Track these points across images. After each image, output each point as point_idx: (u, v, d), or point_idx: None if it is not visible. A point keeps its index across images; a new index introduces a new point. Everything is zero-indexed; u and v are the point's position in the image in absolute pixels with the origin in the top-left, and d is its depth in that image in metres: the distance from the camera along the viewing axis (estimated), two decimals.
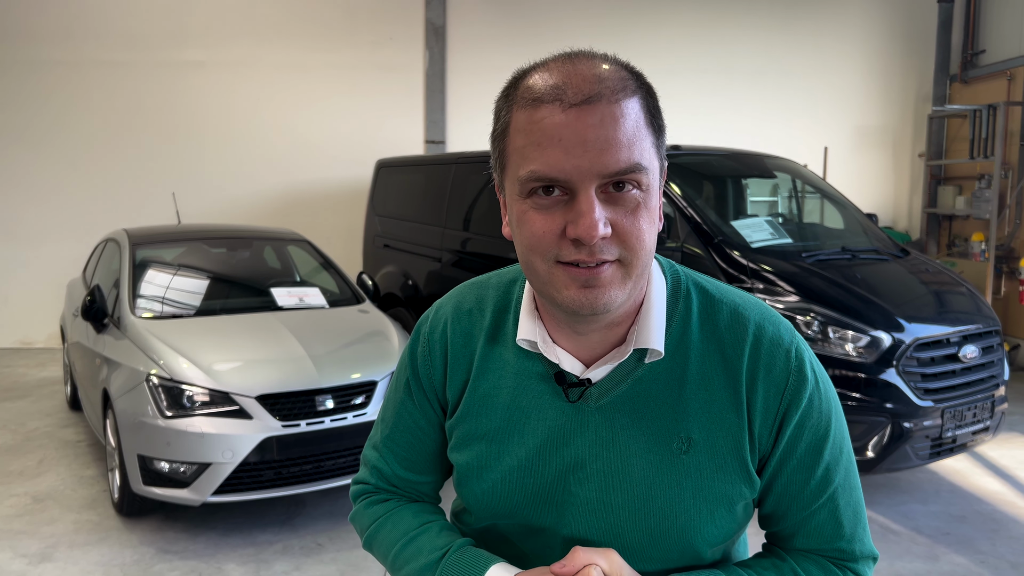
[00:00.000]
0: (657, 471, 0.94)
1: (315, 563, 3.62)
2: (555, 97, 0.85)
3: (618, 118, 0.84)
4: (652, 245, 0.88)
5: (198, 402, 3.77)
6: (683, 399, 0.94)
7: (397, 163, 7.13)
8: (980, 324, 4.24)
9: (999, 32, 8.42)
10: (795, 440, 0.95)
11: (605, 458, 0.95)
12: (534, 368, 0.98)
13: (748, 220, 4.83)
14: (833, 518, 0.98)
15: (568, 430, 0.96)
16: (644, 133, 0.86)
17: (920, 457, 3.97)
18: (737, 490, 0.95)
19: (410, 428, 1.09)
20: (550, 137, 0.84)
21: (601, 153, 0.82)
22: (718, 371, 0.94)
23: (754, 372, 0.94)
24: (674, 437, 0.94)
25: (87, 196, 8.18)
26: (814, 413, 0.95)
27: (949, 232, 8.89)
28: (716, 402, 0.94)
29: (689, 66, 8.66)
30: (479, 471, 1.00)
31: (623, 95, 0.85)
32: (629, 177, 0.84)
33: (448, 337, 1.05)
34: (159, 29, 8.12)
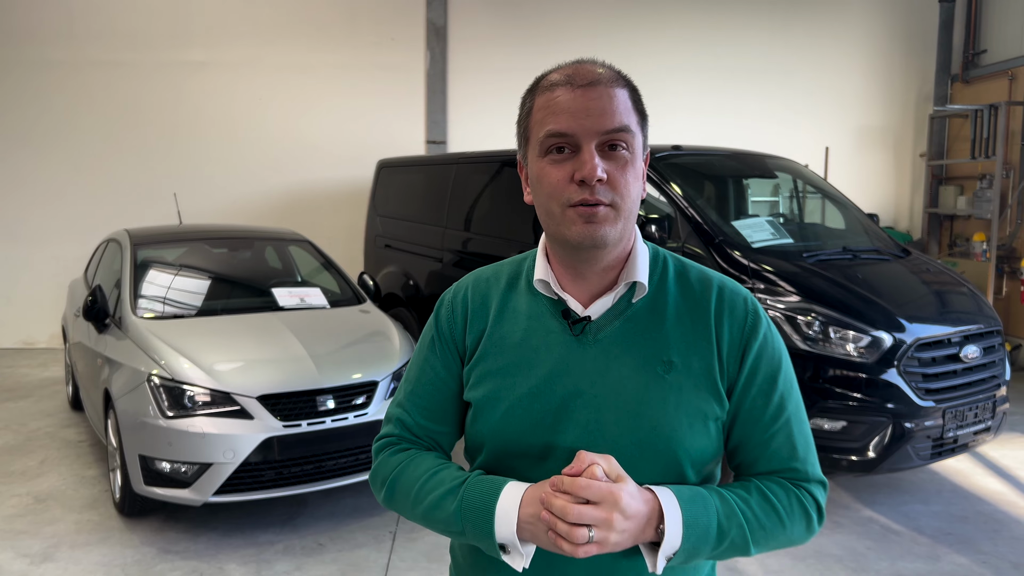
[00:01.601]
0: (645, 390, 1.13)
1: (316, 563, 3.63)
2: (567, 82, 1.12)
3: (612, 96, 1.11)
4: (636, 195, 1.13)
5: (199, 402, 3.77)
6: (664, 332, 1.15)
7: (398, 163, 7.13)
8: (981, 324, 4.23)
9: (1000, 32, 8.41)
10: (755, 367, 1.16)
11: (601, 383, 1.14)
12: (544, 309, 1.19)
13: (749, 220, 4.83)
14: (788, 442, 1.17)
15: (571, 361, 1.15)
16: (631, 112, 1.13)
17: (921, 457, 3.96)
18: (710, 407, 1.14)
19: (432, 380, 1.26)
20: (563, 107, 1.10)
21: (600, 117, 1.09)
22: (691, 311, 1.17)
23: (720, 312, 1.17)
24: (657, 362, 1.14)
25: (89, 196, 8.20)
26: (768, 347, 1.17)
27: (950, 232, 8.89)
28: (690, 334, 1.15)
29: (690, 66, 8.66)
30: (494, 402, 1.18)
31: (615, 85, 1.12)
32: (620, 137, 1.10)
33: (469, 298, 1.26)
34: (161, 30, 8.13)
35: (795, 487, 1.16)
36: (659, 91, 8.62)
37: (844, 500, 4.38)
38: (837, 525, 4.07)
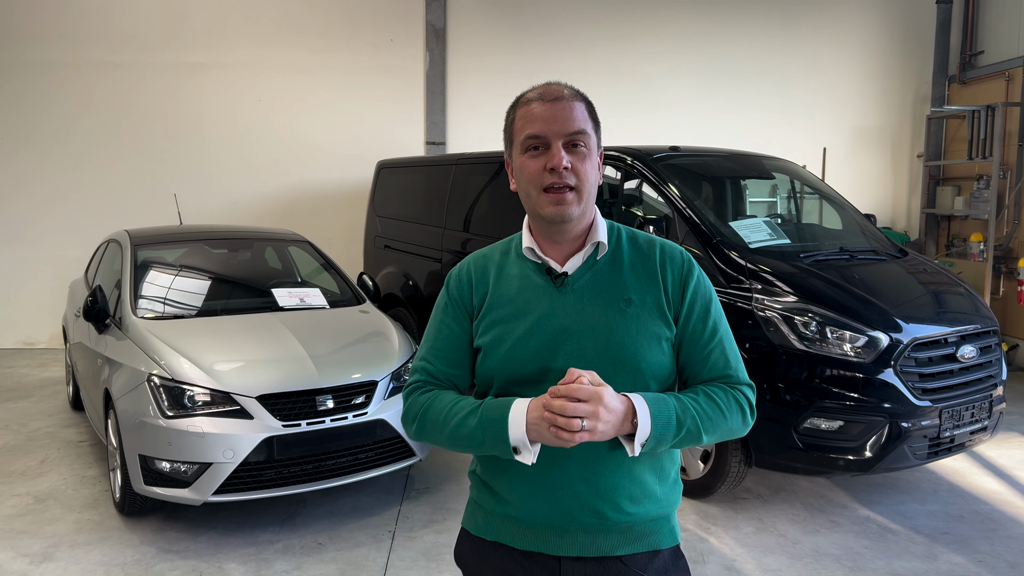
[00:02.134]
0: (612, 321, 1.49)
1: (315, 562, 3.64)
2: (539, 97, 1.51)
3: (572, 109, 1.49)
4: (594, 180, 1.51)
5: (199, 402, 3.78)
6: (622, 278, 1.53)
7: (398, 164, 7.15)
8: (978, 324, 4.25)
9: (997, 33, 8.44)
10: (693, 300, 1.53)
11: (580, 320, 1.50)
12: (531, 270, 1.56)
13: (746, 221, 4.84)
14: (723, 356, 1.54)
15: (555, 307, 1.51)
16: (587, 119, 1.51)
17: (918, 457, 3.98)
18: (661, 330, 1.51)
19: (447, 335, 1.60)
20: (537, 116, 1.49)
21: (564, 123, 1.47)
22: (642, 263, 1.55)
23: (663, 262, 1.55)
24: (620, 300, 1.51)
25: (89, 197, 8.21)
26: (702, 287, 1.56)
27: (948, 232, 8.91)
28: (641, 279, 1.53)
29: (688, 67, 8.68)
30: (499, 343, 1.52)
31: (574, 100, 1.50)
32: (578, 137, 1.48)
33: (471, 270, 1.62)
34: (162, 31, 8.15)
35: (732, 388, 1.52)
36: (657, 92, 8.65)
37: (841, 499, 4.40)
38: (834, 524, 4.08)
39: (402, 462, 4.20)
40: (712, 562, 3.66)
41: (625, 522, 1.49)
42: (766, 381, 3.98)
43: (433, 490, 4.51)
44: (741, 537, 3.93)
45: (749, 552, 3.77)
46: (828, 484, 4.62)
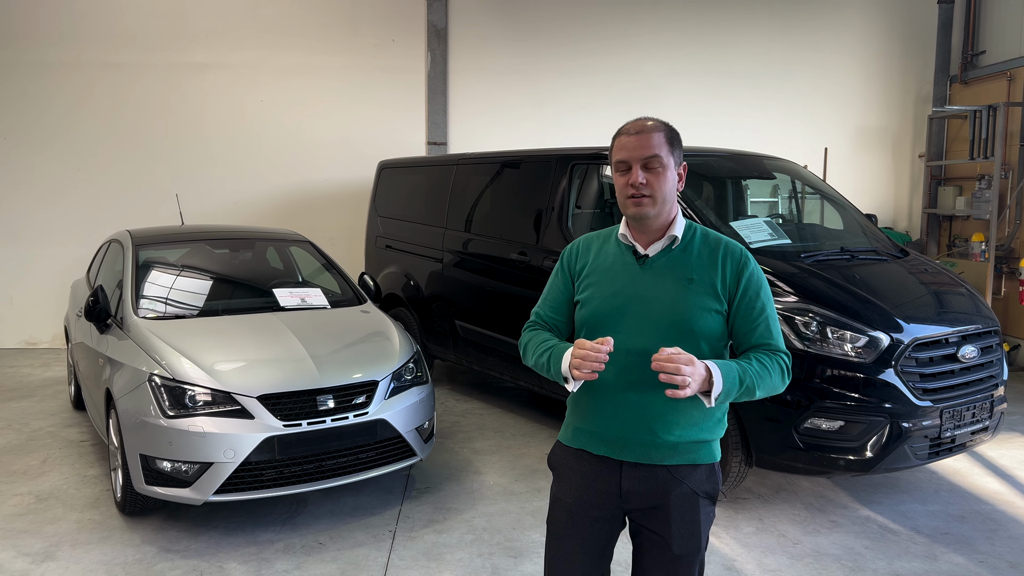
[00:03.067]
0: (676, 293, 1.98)
1: (316, 562, 3.64)
2: (626, 132, 2.03)
3: (649, 138, 1.99)
4: (669, 189, 2.01)
5: (200, 402, 3.79)
6: (689, 263, 2.02)
7: (399, 164, 7.15)
8: (979, 324, 4.25)
9: (999, 33, 8.43)
10: (747, 286, 2.01)
11: (652, 290, 2.00)
12: (623, 251, 2.09)
13: (747, 221, 4.84)
14: (767, 330, 2.01)
15: (636, 279, 2.03)
16: (663, 146, 1.99)
17: (919, 457, 3.97)
18: (711, 303, 1.98)
19: (556, 291, 2.19)
20: (624, 145, 2.01)
21: (641, 150, 1.98)
22: (707, 254, 2.03)
23: (725, 255, 2.03)
24: (685, 279, 2.00)
25: (91, 197, 8.22)
26: (755, 277, 2.03)
27: (949, 232, 8.90)
28: (705, 266, 2.01)
29: (689, 68, 8.68)
30: (593, 298, 2.06)
31: (654, 131, 2.00)
32: (651, 161, 1.98)
33: (580, 246, 2.19)
34: (163, 31, 8.16)
35: (774, 354, 1.99)
36: (658, 92, 8.65)
37: (842, 500, 4.40)
38: (835, 525, 4.08)
39: (403, 462, 4.20)
40: (712, 562, 3.66)
41: (671, 441, 1.99)
42: None
43: (434, 490, 4.51)
44: (741, 537, 3.93)
45: (749, 552, 3.77)
46: (829, 484, 4.61)
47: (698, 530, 2.01)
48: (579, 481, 2.07)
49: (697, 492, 2.00)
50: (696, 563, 2.04)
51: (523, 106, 8.55)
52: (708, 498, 2.03)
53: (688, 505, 2.00)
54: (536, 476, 4.72)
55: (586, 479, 2.06)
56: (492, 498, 4.39)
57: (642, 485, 2.00)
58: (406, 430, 4.15)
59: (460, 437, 5.45)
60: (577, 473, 2.08)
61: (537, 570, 3.58)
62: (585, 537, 2.06)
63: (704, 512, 2.02)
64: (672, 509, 1.99)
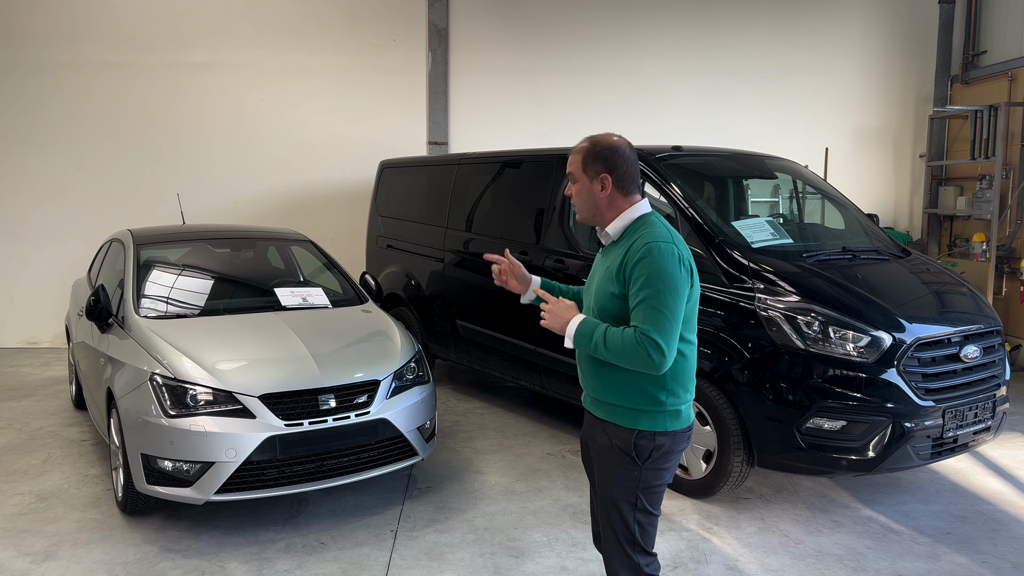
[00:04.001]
0: (600, 279, 2.42)
1: (317, 561, 3.64)
2: None
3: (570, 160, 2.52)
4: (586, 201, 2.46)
5: (201, 401, 3.79)
6: (612, 256, 2.39)
7: (400, 164, 7.15)
8: (981, 324, 4.24)
9: (1000, 33, 8.42)
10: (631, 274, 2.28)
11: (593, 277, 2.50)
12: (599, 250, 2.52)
13: (749, 220, 4.84)
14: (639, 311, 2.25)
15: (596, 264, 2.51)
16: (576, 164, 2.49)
17: (921, 457, 3.97)
18: (614, 288, 2.33)
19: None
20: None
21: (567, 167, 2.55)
22: (623, 250, 2.34)
23: (629, 248, 2.32)
24: (607, 268, 2.38)
25: (92, 197, 8.22)
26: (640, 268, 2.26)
27: (950, 232, 8.90)
28: (619, 257, 2.34)
29: (690, 68, 8.68)
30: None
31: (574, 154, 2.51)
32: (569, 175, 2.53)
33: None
34: (163, 31, 8.16)
35: (636, 330, 2.23)
36: (659, 92, 8.65)
37: (844, 499, 4.40)
38: (837, 524, 4.08)
39: (404, 461, 4.20)
40: (714, 562, 3.66)
41: (596, 399, 2.46)
42: (769, 381, 3.97)
43: (435, 489, 4.51)
44: (743, 537, 3.92)
45: (751, 552, 3.76)
46: (831, 484, 4.61)
47: (612, 478, 2.39)
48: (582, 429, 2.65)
49: (613, 444, 2.39)
50: (618, 509, 2.38)
51: (524, 106, 8.55)
52: (623, 453, 2.35)
53: (605, 452, 2.41)
54: (537, 476, 4.71)
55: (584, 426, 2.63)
56: (494, 498, 4.39)
57: (588, 430, 2.53)
58: (407, 429, 4.14)
59: (461, 437, 5.45)
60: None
61: (539, 570, 3.58)
62: (588, 471, 2.62)
63: (618, 463, 2.37)
64: (592, 450, 2.50)
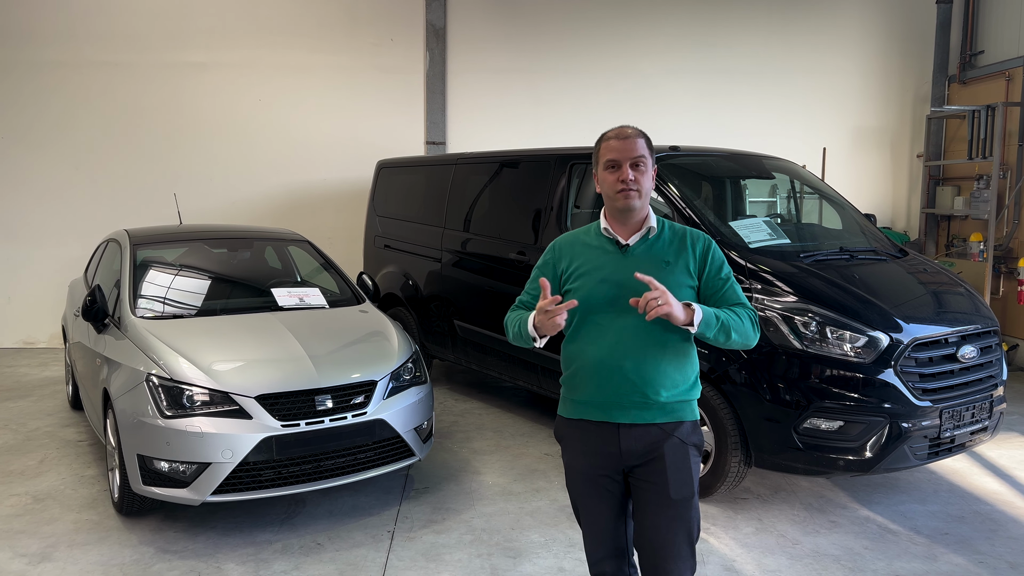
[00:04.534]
0: (655, 273, 2.25)
1: (314, 562, 3.63)
2: (613, 137, 2.36)
3: (635, 143, 2.33)
4: (649, 187, 2.35)
5: (198, 402, 3.78)
6: (664, 249, 2.36)
7: (398, 164, 7.14)
8: (978, 324, 4.24)
9: (998, 33, 8.43)
10: (711, 260, 2.37)
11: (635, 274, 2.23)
12: (605, 242, 2.39)
13: (746, 221, 4.84)
14: (734, 292, 2.36)
15: (620, 265, 2.33)
16: (645, 149, 2.34)
17: (918, 457, 3.97)
18: (685, 279, 2.32)
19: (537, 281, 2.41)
20: (612, 148, 2.33)
21: (629, 152, 2.31)
22: (677, 241, 2.38)
23: (693, 240, 2.38)
24: (662, 262, 2.33)
25: (89, 196, 8.20)
26: (717, 254, 2.39)
27: (947, 232, 8.90)
28: (676, 250, 2.36)
29: (687, 67, 8.68)
30: (584, 285, 2.33)
31: (637, 137, 2.35)
32: (639, 159, 2.31)
33: (564, 243, 2.46)
34: (161, 30, 8.14)
35: (744, 308, 2.34)
36: (656, 92, 8.64)
37: (841, 500, 4.40)
38: (834, 525, 4.08)
39: (401, 462, 4.19)
40: (711, 562, 3.65)
41: (660, 402, 2.29)
42: (766, 381, 3.97)
43: (432, 490, 4.50)
44: (741, 537, 3.92)
45: (749, 552, 3.76)
46: (828, 484, 4.61)
47: (691, 476, 2.31)
48: (583, 447, 2.37)
49: (686, 442, 2.31)
50: (692, 507, 2.30)
51: (522, 105, 8.55)
52: (695, 448, 2.33)
53: (680, 453, 2.30)
54: (535, 476, 4.71)
55: (589, 444, 2.36)
56: (491, 498, 4.39)
57: (638, 443, 2.30)
58: (405, 430, 4.14)
59: (459, 437, 5.44)
60: (580, 440, 2.38)
61: (536, 570, 3.57)
62: (600, 493, 2.36)
63: (693, 460, 2.33)
64: (667, 458, 2.28)
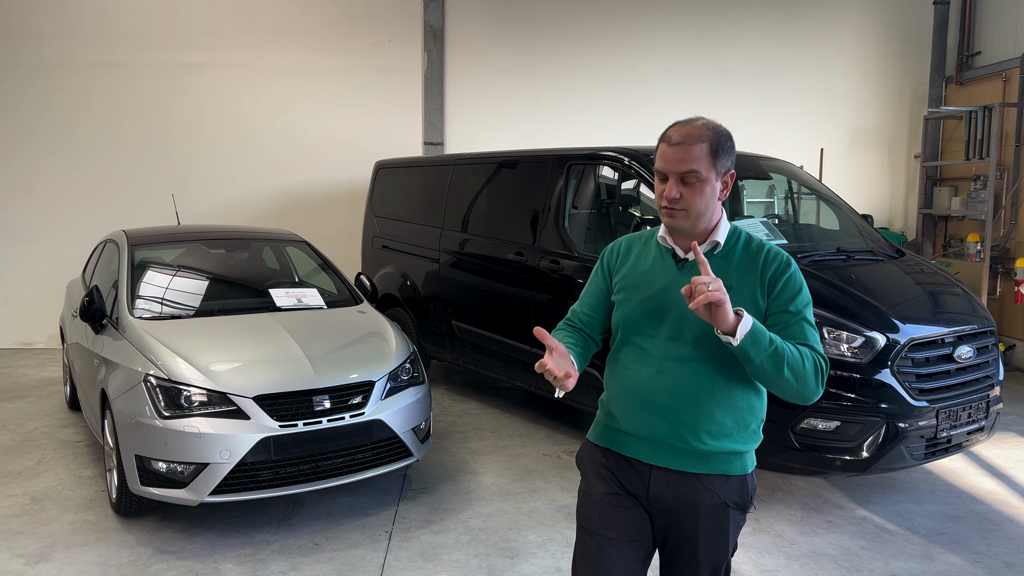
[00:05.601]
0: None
1: (312, 563, 3.64)
2: (668, 139, 1.94)
3: (690, 151, 1.90)
4: (706, 202, 1.93)
5: (196, 402, 3.78)
6: (730, 270, 1.95)
7: (396, 164, 7.14)
8: (975, 324, 4.26)
9: (994, 34, 8.45)
10: (784, 287, 1.93)
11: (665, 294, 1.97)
12: (661, 254, 2.05)
13: (744, 221, 4.85)
14: (803, 331, 1.91)
15: (674, 282, 1.96)
16: (704, 159, 1.90)
17: (915, 457, 3.98)
18: (749, 308, 1.89)
19: (594, 289, 2.17)
20: (662, 155, 1.95)
21: (679, 164, 1.91)
22: (748, 261, 1.97)
23: (766, 261, 1.96)
24: (725, 285, 1.80)
25: (87, 197, 8.20)
26: (792, 281, 1.95)
27: (944, 233, 8.92)
28: (745, 272, 1.95)
29: (685, 68, 8.69)
30: (629, 300, 2.04)
31: (696, 142, 1.90)
32: (688, 175, 1.91)
33: (621, 246, 2.16)
34: (159, 31, 8.14)
35: (812, 351, 1.88)
36: (655, 92, 8.65)
37: (838, 500, 4.40)
38: (831, 525, 4.09)
39: (399, 462, 4.19)
40: None
41: (703, 450, 1.93)
42: None
43: (430, 490, 4.50)
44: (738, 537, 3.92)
45: (746, 552, 3.77)
46: (825, 484, 4.62)
47: (726, 540, 1.99)
48: (608, 476, 2.05)
49: (727, 503, 1.96)
50: (722, 568, 2.05)
51: (520, 106, 8.55)
52: (739, 508, 1.99)
53: (718, 516, 1.96)
54: (532, 476, 4.71)
55: (615, 475, 2.04)
56: (489, 498, 4.39)
57: (671, 491, 1.96)
58: (402, 430, 4.14)
59: (456, 437, 5.45)
60: (606, 469, 2.05)
61: (534, 571, 3.58)
62: (619, 528, 2.00)
63: (733, 522, 2.00)
64: (701, 519, 1.95)
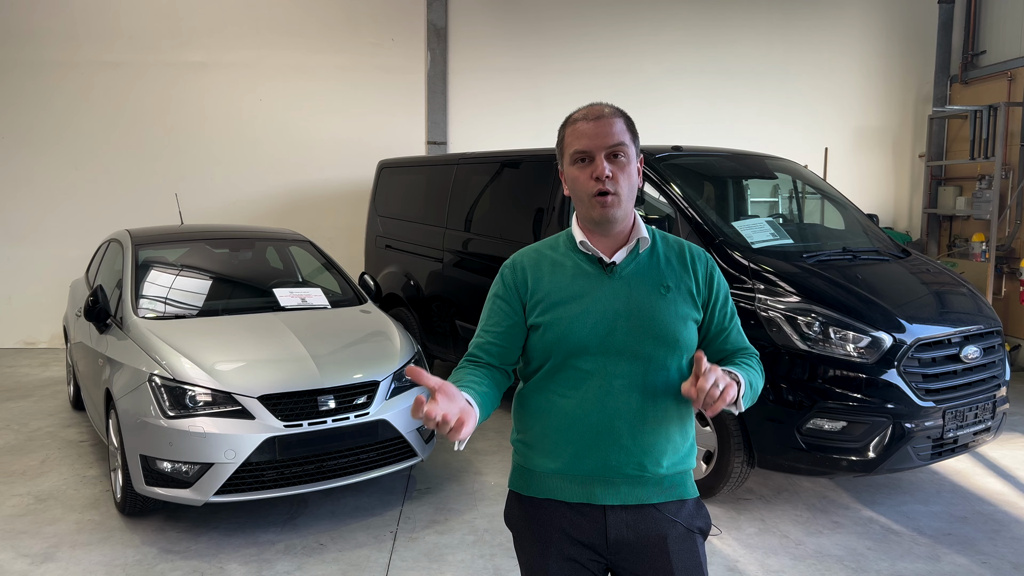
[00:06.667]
0: (655, 303, 1.74)
1: (317, 563, 3.63)
2: (584, 117, 1.75)
3: (612, 125, 1.73)
4: (633, 185, 1.75)
5: (200, 402, 3.78)
6: (660, 269, 1.79)
7: (399, 164, 7.14)
8: (981, 324, 4.24)
9: (1000, 33, 8.42)
10: (718, 289, 1.83)
11: (628, 303, 1.73)
12: (582, 261, 1.79)
13: (749, 221, 4.83)
14: (739, 334, 1.87)
15: (606, 292, 1.74)
16: (625, 133, 1.74)
17: (921, 458, 3.96)
18: (691, 312, 1.78)
19: (499, 315, 1.81)
20: (582, 133, 1.73)
21: (604, 138, 1.71)
22: (675, 258, 1.81)
23: (693, 259, 1.82)
24: (660, 286, 1.76)
25: (90, 197, 8.20)
26: (722, 280, 1.85)
27: (950, 233, 8.90)
28: (676, 271, 1.79)
29: (689, 67, 8.67)
30: (559, 320, 1.73)
31: (613, 117, 1.74)
32: (618, 148, 1.71)
33: (526, 262, 1.83)
34: (162, 30, 8.14)
35: (750, 356, 1.84)
36: (659, 91, 8.64)
37: (844, 500, 4.39)
38: (837, 525, 4.07)
39: (404, 462, 4.19)
40: (715, 563, 3.65)
41: (660, 474, 1.75)
42: (769, 382, 3.97)
43: (435, 490, 4.50)
44: (744, 538, 3.92)
45: (752, 553, 3.76)
46: (831, 485, 4.61)
47: (702, 573, 1.78)
48: (554, 535, 1.74)
49: (692, 529, 1.78)
50: None
51: (523, 105, 8.54)
52: (702, 534, 1.81)
53: (688, 547, 1.75)
54: None
55: (563, 535, 1.74)
56: (493, 499, 4.38)
57: (632, 531, 1.72)
58: (407, 430, 4.14)
59: None
60: (548, 530, 1.75)
61: None
62: None
63: (702, 551, 1.80)
64: (672, 556, 1.72)
